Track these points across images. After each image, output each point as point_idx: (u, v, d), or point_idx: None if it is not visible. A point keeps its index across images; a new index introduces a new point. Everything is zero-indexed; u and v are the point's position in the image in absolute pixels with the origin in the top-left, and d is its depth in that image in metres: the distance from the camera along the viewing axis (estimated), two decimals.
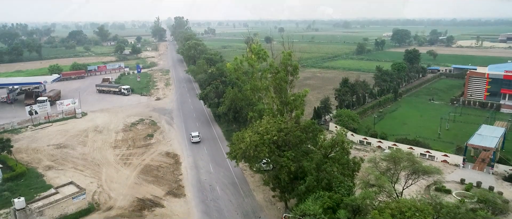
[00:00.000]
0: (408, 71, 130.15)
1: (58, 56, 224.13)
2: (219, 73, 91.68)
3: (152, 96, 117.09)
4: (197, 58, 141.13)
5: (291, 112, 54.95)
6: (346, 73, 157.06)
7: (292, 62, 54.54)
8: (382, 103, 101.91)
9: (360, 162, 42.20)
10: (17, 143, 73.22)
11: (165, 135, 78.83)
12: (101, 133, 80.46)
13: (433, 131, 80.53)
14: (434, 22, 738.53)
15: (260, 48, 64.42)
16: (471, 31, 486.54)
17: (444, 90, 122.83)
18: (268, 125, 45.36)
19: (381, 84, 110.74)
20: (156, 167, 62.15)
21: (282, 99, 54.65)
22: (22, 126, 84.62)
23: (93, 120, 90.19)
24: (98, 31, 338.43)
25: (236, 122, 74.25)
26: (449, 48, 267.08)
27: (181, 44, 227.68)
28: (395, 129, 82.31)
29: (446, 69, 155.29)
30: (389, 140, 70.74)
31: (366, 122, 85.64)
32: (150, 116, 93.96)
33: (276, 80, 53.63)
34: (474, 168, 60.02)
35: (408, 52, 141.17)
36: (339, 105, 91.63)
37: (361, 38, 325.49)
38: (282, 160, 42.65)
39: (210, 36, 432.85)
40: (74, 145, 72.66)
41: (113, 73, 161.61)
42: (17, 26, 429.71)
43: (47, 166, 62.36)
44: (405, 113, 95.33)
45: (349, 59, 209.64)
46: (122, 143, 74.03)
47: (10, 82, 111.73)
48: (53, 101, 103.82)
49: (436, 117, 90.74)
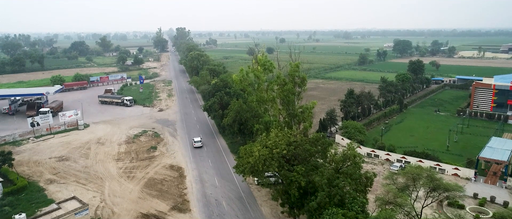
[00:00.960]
0: (413, 82, 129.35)
1: (60, 67, 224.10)
2: (223, 85, 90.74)
3: (154, 108, 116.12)
4: (200, 69, 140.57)
5: (299, 124, 53.84)
6: (349, 84, 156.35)
7: (299, 74, 53.64)
8: (388, 114, 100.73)
9: (373, 177, 40.86)
10: (19, 155, 71.99)
11: (169, 147, 77.57)
12: (103, 145, 79.25)
13: (441, 143, 79.22)
14: (434, 33, 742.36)
15: (266, 59, 63.67)
16: (472, 42, 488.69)
17: (449, 101, 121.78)
18: (277, 138, 44.21)
19: (386, 95, 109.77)
20: (160, 180, 60.76)
21: (290, 111, 53.67)
22: (24, 137, 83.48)
23: (95, 132, 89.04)
24: (100, 42, 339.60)
25: (241, 134, 72.96)
26: (451, 58, 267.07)
27: (184, 55, 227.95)
28: (402, 140, 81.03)
29: (450, 80, 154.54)
30: (397, 153, 69.44)
31: (373, 134, 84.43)
32: (153, 127, 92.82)
33: (283, 92, 52.70)
34: (486, 182, 58.53)
35: (412, 63, 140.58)
36: (344, 116, 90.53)
37: (363, 49, 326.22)
38: (292, 175, 41.38)
39: (212, 47, 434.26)
40: (76, 158, 71.37)
41: (116, 84, 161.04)
42: (20, 37, 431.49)
43: (49, 179, 61.00)
44: (411, 124, 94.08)
45: (352, 70, 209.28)
46: (125, 155, 72.75)
47: (12, 93, 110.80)
48: (56, 112, 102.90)
49: (443, 128, 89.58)
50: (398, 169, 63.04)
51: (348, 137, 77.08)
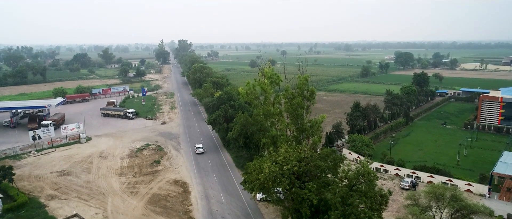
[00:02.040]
0: (418, 95, 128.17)
1: (62, 79, 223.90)
2: (227, 97, 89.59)
3: (157, 120, 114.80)
4: (203, 81, 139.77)
5: (307, 139, 52.40)
6: (352, 96, 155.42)
7: (308, 87, 52.43)
8: (394, 127, 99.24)
9: (388, 195, 39.25)
10: (19, 169, 70.42)
11: (173, 161, 75.96)
12: (106, 159, 77.71)
13: (450, 157, 77.55)
14: (434, 45, 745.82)
15: (273, 72, 62.60)
16: (472, 54, 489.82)
17: (455, 114, 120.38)
18: (287, 154, 42.69)
19: (391, 108, 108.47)
20: (164, 196, 59.04)
21: (298, 125, 52.23)
22: (25, 151, 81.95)
23: (97, 145, 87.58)
24: (102, 54, 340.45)
25: (247, 148, 71.43)
26: (453, 71, 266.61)
27: (186, 67, 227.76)
28: (410, 155, 79.40)
29: (455, 93, 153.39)
30: (407, 167, 67.72)
31: (380, 148, 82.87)
32: (156, 140, 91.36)
33: (292, 106, 51.37)
34: (501, 198, 56.72)
35: (417, 75, 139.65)
36: (351, 130, 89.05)
37: (364, 61, 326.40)
38: (303, 192, 39.74)
39: (213, 59, 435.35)
40: (78, 172, 69.77)
41: (118, 96, 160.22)
42: (22, 49, 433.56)
43: (50, 195, 59.32)
44: (418, 138, 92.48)
45: (354, 82, 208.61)
46: (128, 169, 71.13)
47: (13, 106, 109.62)
48: (58, 125, 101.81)
49: (451, 142, 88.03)
50: (409, 184, 61.41)
51: (355, 151, 75.58)
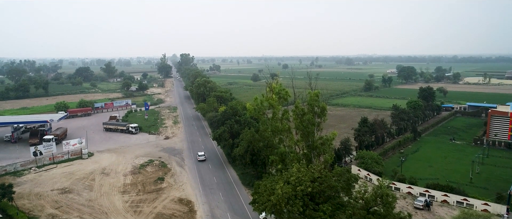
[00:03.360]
0: (424, 109, 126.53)
1: (64, 92, 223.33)
2: (232, 112, 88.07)
3: (160, 135, 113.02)
4: (207, 96, 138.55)
5: (319, 157, 50.59)
6: (357, 110, 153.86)
7: (319, 103, 50.91)
8: (402, 143, 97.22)
9: (408, 218, 37.24)
10: (19, 186, 68.44)
11: (177, 178, 73.91)
12: (108, 175, 75.69)
13: (462, 174, 75.40)
14: (435, 59, 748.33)
15: (281, 87, 61.23)
16: (474, 68, 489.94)
17: (462, 129, 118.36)
18: (300, 174, 40.88)
19: (399, 123, 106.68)
20: (169, 215, 56.85)
21: (309, 143, 50.47)
22: (25, 167, 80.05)
23: (100, 161, 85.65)
24: (104, 68, 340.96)
25: (253, 165, 69.51)
26: (456, 85, 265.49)
27: (189, 81, 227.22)
28: (421, 171, 77.32)
29: (461, 107, 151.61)
30: (419, 185, 65.56)
31: (389, 164, 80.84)
32: (160, 156, 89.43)
33: (302, 122, 49.73)
34: None
35: (423, 90, 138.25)
36: (359, 146, 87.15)
37: (366, 75, 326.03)
38: (318, 215, 37.81)
39: (215, 73, 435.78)
40: (79, 190, 67.70)
41: (120, 110, 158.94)
42: (25, 63, 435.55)
43: (51, 214, 57.22)
44: (427, 154, 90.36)
45: (358, 96, 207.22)
46: (131, 187, 69.05)
47: (15, 120, 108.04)
48: (60, 140, 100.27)
49: (461, 158, 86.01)
50: (422, 204, 59.19)
51: (365, 168, 73.58)
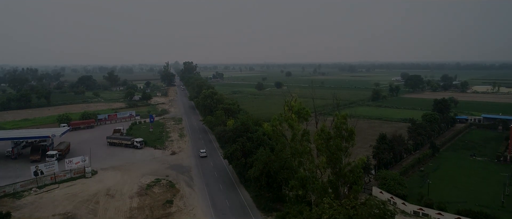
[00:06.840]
0: (440, 122, 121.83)
1: (67, 102, 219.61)
2: (244, 129, 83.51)
3: (166, 150, 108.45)
4: (214, 107, 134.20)
5: (347, 186, 46.01)
6: (367, 122, 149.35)
7: (347, 126, 46.46)
8: (421, 160, 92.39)
9: None
10: (18, 210, 64.01)
11: (186, 201, 69.20)
12: (113, 197, 71.09)
13: (491, 196, 70.52)
14: (438, 66, 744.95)
15: (301, 106, 56.85)
16: (479, 76, 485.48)
17: (480, 143, 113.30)
18: (332, 211, 36.29)
19: (416, 138, 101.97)
20: None
21: (336, 170, 45.91)
22: (25, 188, 75.46)
23: (104, 180, 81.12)
24: (107, 76, 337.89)
25: (269, 188, 64.83)
26: (465, 94, 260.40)
27: (194, 91, 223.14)
28: (445, 193, 72.42)
29: (475, 119, 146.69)
30: (449, 211, 60.67)
31: (411, 184, 75.92)
32: (167, 174, 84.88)
33: (329, 148, 45.20)
34: None
35: (438, 102, 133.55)
36: (377, 164, 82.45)
37: (371, 83, 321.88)
38: None
39: (218, 81, 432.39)
40: (83, 215, 63.09)
41: (124, 121, 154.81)
42: (28, 71, 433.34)
43: None
44: (449, 172, 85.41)
45: (366, 106, 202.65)
46: (138, 212, 64.37)
47: (16, 136, 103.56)
48: (63, 155, 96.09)
49: (487, 177, 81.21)
50: None
51: (387, 189, 68.84)
